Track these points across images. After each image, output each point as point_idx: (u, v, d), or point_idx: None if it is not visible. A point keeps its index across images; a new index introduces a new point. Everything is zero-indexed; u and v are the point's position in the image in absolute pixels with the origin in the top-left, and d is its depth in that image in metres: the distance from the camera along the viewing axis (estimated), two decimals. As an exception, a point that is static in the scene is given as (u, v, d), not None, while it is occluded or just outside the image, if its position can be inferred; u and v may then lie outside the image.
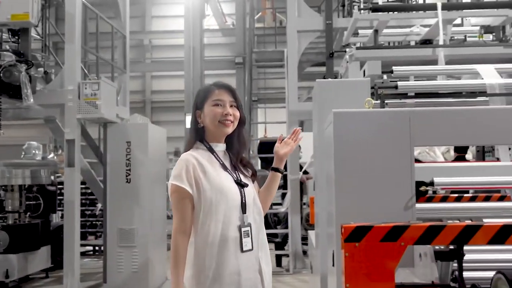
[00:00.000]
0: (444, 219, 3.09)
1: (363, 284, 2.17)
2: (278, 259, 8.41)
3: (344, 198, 2.71)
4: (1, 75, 5.74)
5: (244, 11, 11.17)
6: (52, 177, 7.83)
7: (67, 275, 6.09)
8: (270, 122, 12.06)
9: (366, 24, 6.54)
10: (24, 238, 6.75)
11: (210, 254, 2.19)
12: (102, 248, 7.22)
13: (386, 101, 3.69)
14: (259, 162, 10.83)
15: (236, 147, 2.39)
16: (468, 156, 6.28)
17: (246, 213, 2.27)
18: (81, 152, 6.42)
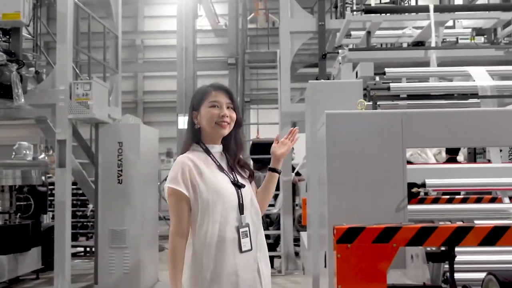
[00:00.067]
0: (436, 220, 3.10)
1: (355, 285, 2.17)
2: (270, 260, 8.34)
3: (336, 199, 2.71)
4: (-9, 74, 5.71)
5: (237, 12, 11.16)
6: (43, 177, 7.78)
7: (57, 276, 6.05)
8: (263, 123, 12.03)
9: (359, 25, 6.58)
10: (14, 239, 6.70)
11: (207, 255, 2.20)
12: (93, 249, 7.18)
13: (378, 102, 3.72)
14: (252, 163, 10.82)
15: (233, 148, 2.40)
16: (459, 157, 6.32)
17: (243, 213, 2.27)
18: (72, 152, 6.37)
